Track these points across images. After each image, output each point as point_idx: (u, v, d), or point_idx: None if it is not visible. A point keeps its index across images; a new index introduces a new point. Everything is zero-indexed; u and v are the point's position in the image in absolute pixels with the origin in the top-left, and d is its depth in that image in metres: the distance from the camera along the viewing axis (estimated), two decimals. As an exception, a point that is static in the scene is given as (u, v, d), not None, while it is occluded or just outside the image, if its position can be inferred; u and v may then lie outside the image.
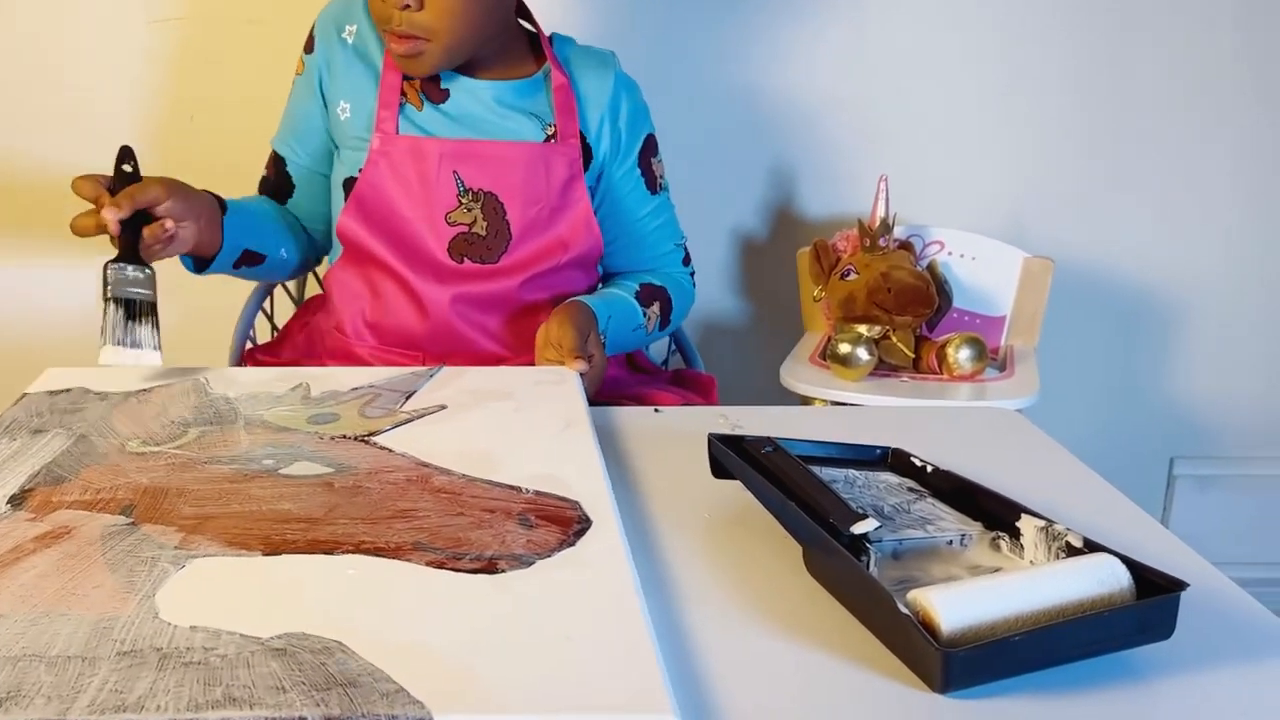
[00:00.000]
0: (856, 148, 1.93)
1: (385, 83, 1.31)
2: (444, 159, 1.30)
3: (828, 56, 1.89)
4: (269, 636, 0.61)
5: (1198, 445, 2.14)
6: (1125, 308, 2.04)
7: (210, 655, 0.59)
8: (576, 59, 1.40)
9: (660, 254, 1.47)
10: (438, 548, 0.72)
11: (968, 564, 0.77)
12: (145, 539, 0.73)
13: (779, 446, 0.85)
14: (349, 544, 0.73)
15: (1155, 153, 1.98)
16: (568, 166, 1.35)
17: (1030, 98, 1.94)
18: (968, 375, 1.56)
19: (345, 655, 0.59)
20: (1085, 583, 0.67)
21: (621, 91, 1.41)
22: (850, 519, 0.74)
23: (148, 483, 0.82)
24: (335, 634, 0.61)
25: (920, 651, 0.63)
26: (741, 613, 0.72)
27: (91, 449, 0.88)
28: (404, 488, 0.82)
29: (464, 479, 0.84)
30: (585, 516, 0.78)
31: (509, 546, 0.72)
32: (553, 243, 1.35)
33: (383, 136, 1.30)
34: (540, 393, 1.05)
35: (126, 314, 1.03)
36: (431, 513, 0.78)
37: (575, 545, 0.73)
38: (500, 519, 0.77)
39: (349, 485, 0.82)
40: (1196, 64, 1.94)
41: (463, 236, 1.31)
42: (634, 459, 0.99)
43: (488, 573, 0.69)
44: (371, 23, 1.32)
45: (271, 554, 0.71)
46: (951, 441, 1.04)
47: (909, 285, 1.60)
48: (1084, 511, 0.86)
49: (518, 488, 0.82)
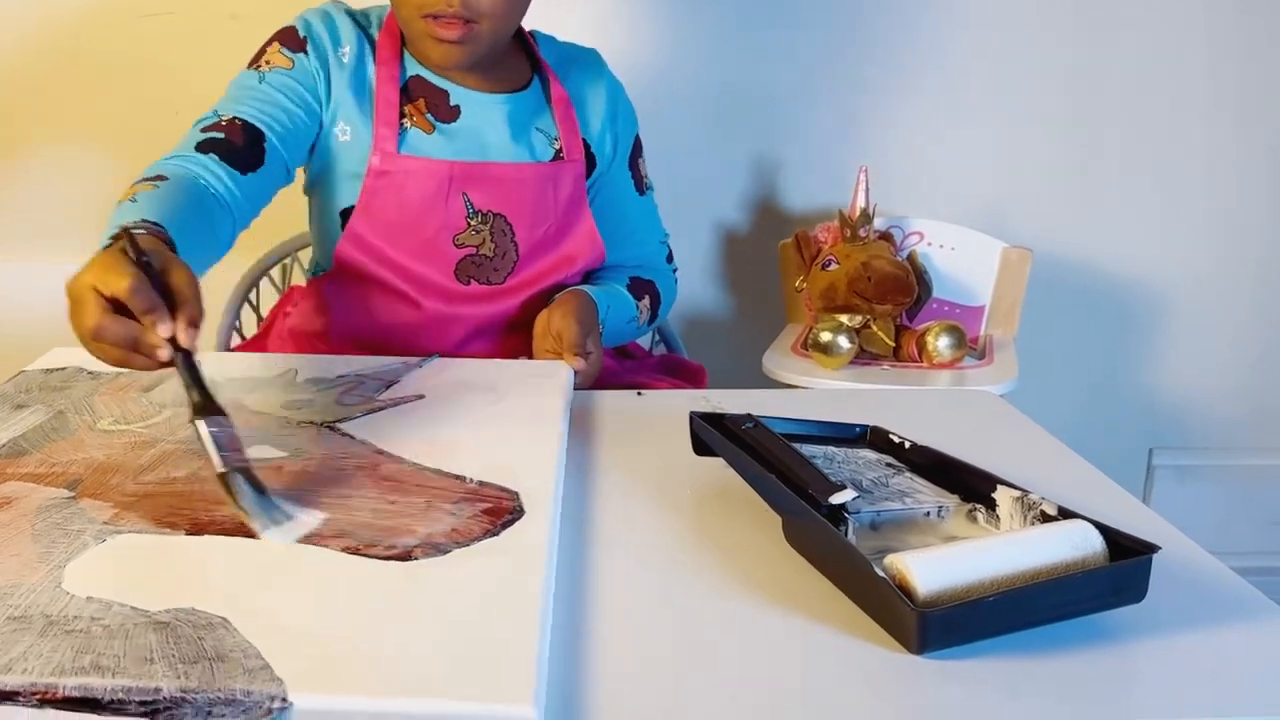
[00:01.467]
0: (837, 140, 1.95)
1: (382, 99, 1.25)
2: (454, 181, 1.26)
3: (808, 50, 1.90)
4: (158, 610, 0.62)
5: (1177, 436, 2.15)
6: (1104, 298, 2.06)
7: (94, 625, 0.60)
8: (566, 62, 1.39)
9: (647, 251, 1.47)
10: (360, 535, 0.73)
11: (945, 535, 0.78)
12: (79, 513, 0.75)
13: (759, 423, 0.86)
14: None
15: (1135, 144, 2.00)
16: (573, 183, 1.34)
17: (1010, 89, 1.96)
18: (947, 363, 1.58)
19: (226, 632, 0.60)
20: (1060, 547, 0.68)
21: (616, 95, 1.41)
22: (829, 490, 0.75)
23: (103, 459, 0.84)
24: (228, 613, 0.62)
25: (897, 613, 0.64)
26: (723, 583, 0.73)
27: (64, 425, 0.91)
28: (350, 474, 0.83)
29: (413, 468, 0.85)
30: (520, 508, 0.78)
31: (431, 536, 0.73)
32: (559, 260, 1.34)
33: (383, 156, 1.24)
34: (525, 386, 1.06)
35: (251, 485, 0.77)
36: (367, 500, 0.79)
37: (499, 535, 0.74)
38: (434, 508, 0.78)
39: (296, 470, 0.84)
40: (1175, 57, 1.96)
41: (470, 259, 1.29)
42: (617, 440, 1.00)
43: (400, 560, 0.70)
44: (361, 42, 1.27)
45: (195, 534, 0.73)
46: (932, 423, 1.05)
47: (889, 274, 1.61)
48: (1062, 487, 0.87)
49: (462, 477, 0.83)
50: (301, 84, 1.25)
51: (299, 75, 1.25)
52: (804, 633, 0.67)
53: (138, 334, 0.77)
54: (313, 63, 1.25)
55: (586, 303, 1.27)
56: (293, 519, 0.75)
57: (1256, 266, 2.07)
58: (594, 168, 1.38)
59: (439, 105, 1.28)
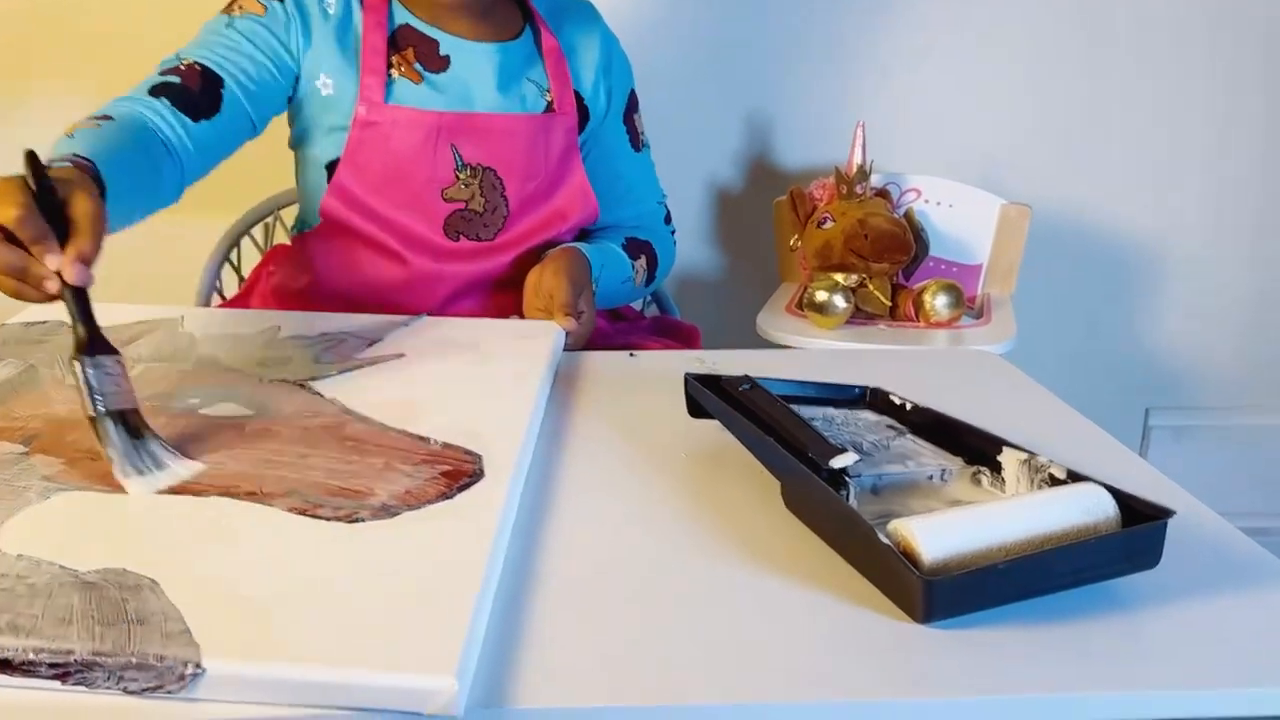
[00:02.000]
0: (832, 96, 1.91)
1: (369, 47, 1.21)
2: (442, 132, 1.22)
3: (803, 4, 1.86)
4: (87, 570, 0.60)
5: (1173, 396, 2.14)
6: (1101, 256, 2.03)
7: (19, 584, 0.59)
8: (560, 14, 1.35)
9: (643, 211, 1.43)
10: (310, 496, 0.71)
11: (948, 499, 0.75)
12: (29, 469, 0.73)
13: (756, 384, 0.84)
14: (219, 488, 0.72)
15: (1134, 99, 1.96)
16: (565, 136, 1.30)
17: (1007, 44, 1.92)
18: (944, 322, 1.55)
19: (153, 594, 0.58)
20: (1070, 511, 0.66)
21: (611, 48, 1.37)
22: (829, 453, 0.72)
23: (64, 414, 0.82)
24: (159, 574, 0.60)
25: (902, 581, 0.62)
26: (721, 548, 0.70)
27: (33, 379, 0.89)
28: (313, 433, 0.81)
29: (379, 428, 0.82)
30: (480, 470, 0.76)
31: (384, 497, 0.71)
32: (550, 215, 1.31)
33: (369, 106, 1.21)
34: (510, 346, 1.03)
35: (127, 430, 0.76)
36: (325, 460, 0.76)
37: (454, 498, 0.71)
38: (391, 469, 0.75)
39: (259, 428, 0.81)
40: (1173, 9, 1.93)
41: (459, 214, 1.25)
42: (610, 402, 0.97)
43: (345, 521, 0.68)
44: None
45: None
46: (933, 384, 1.02)
47: (886, 232, 1.58)
48: (1066, 446, 0.85)
49: (426, 439, 0.81)
50: (272, 32, 1.20)
51: (270, 23, 1.20)
52: (805, 601, 0.64)
53: (26, 264, 0.74)
54: (289, 10, 1.21)
55: (579, 260, 1.23)
56: (164, 469, 0.73)
57: (1253, 224, 2.05)
58: (587, 121, 1.34)
59: (428, 55, 1.24)
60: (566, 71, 1.31)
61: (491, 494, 0.72)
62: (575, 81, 1.32)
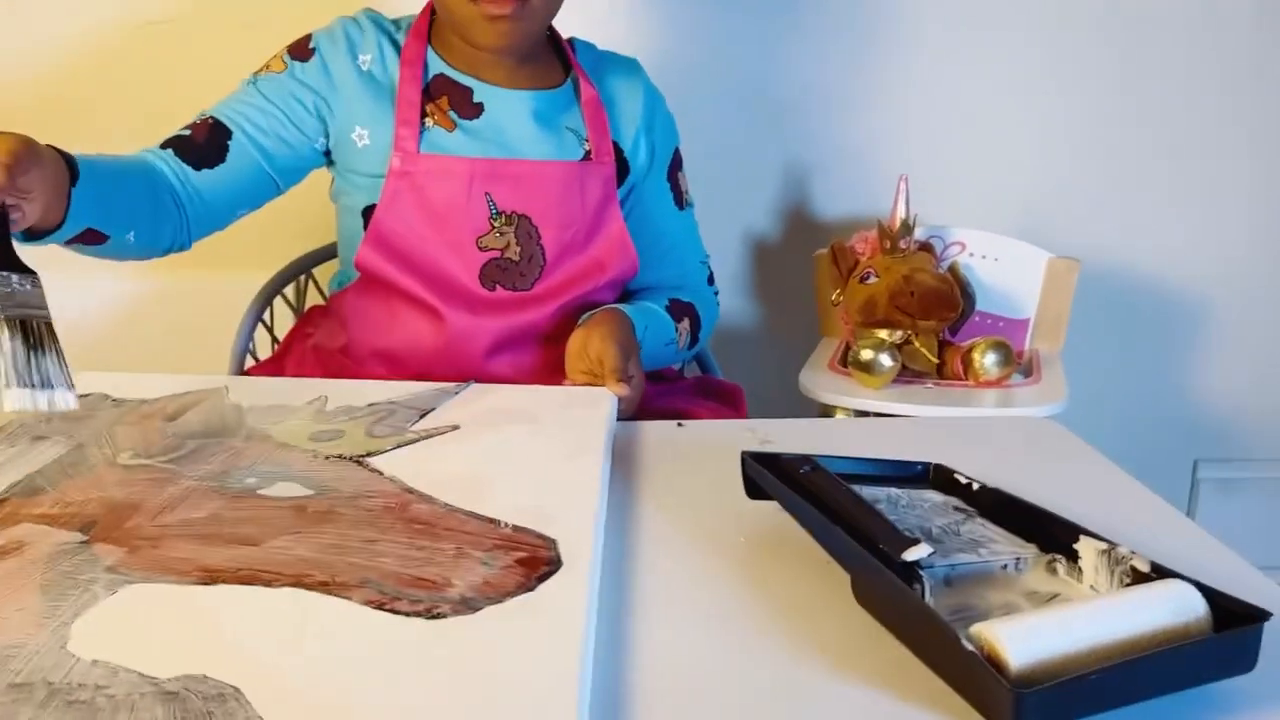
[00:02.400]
0: (874, 148, 1.89)
1: (404, 99, 1.22)
2: (475, 179, 1.22)
3: (842, 56, 1.85)
4: (166, 678, 0.58)
5: (1222, 448, 2.09)
6: (1148, 308, 2.00)
7: (99, 695, 0.57)
8: (603, 67, 1.35)
9: (685, 270, 1.41)
10: (385, 586, 0.68)
11: (1025, 589, 0.72)
12: (90, 560, 0.71)
13: (817, 465, 0.81)
14: (290, 576, 0.69)
15: (1180, 150, 1.94)
16: (602, 186, 1.29)
17: (1051, 95, 1.90)
18: (994, 381, 1.52)
19: (237, 704, 0.56)
20: (1159, 612, 0.62)
21: (654, 103, 1.37)
22: (901, 544, 0.69)
23: (121, 498, 0.79)
24: (240, 677, 0.58)
25: (988, 691, 0.58)
26: (786, 645, 0.67)
27: (82, 459, 0.86)
28: (377, 516, 0.78)
29: (445, 508, 0.80)
30: (557, 558, 0.73)
31: (462, 588, 0.68)
32: (589, 265, 1.29)
33: (403, 156, 1.21)
34: (567, 417, 1.00)
35: (25, 341, 0.79)
36: (394, 546, 0.74)
37: (534, 590, 0.68)
38: (465, 557, 0.72)
39: (322, 510, 0.79)
40: (1218, 60, 1.90)
41: (495, 262, 1.24)
42: (660, 477, 0.94)
43: (426, 616, 0.65)
44: (385, 49, 1.25)
45: (207, 584, 0.69)
46: (988, 452, 1.00)
47: (932, 288, 1.55)
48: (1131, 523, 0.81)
49: (496, 521, 0.78)
50: (292, 91, 1.24)
51: (290, 82, 1.24)
52: (878, 706, 0.61)
53: None
54: (314, 71, 1.24)
55: (623, 322, 1.21)
56: (50, 390, 0.76)
57: (1304, 275, 2.01)
58: (626, 174, 1.33)
59: (462, 102, 1.24)
60: (605, 122, 1.30)
61: (573, 587, 0.69)
62: (614, 133, 1.32)
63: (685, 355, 1.39)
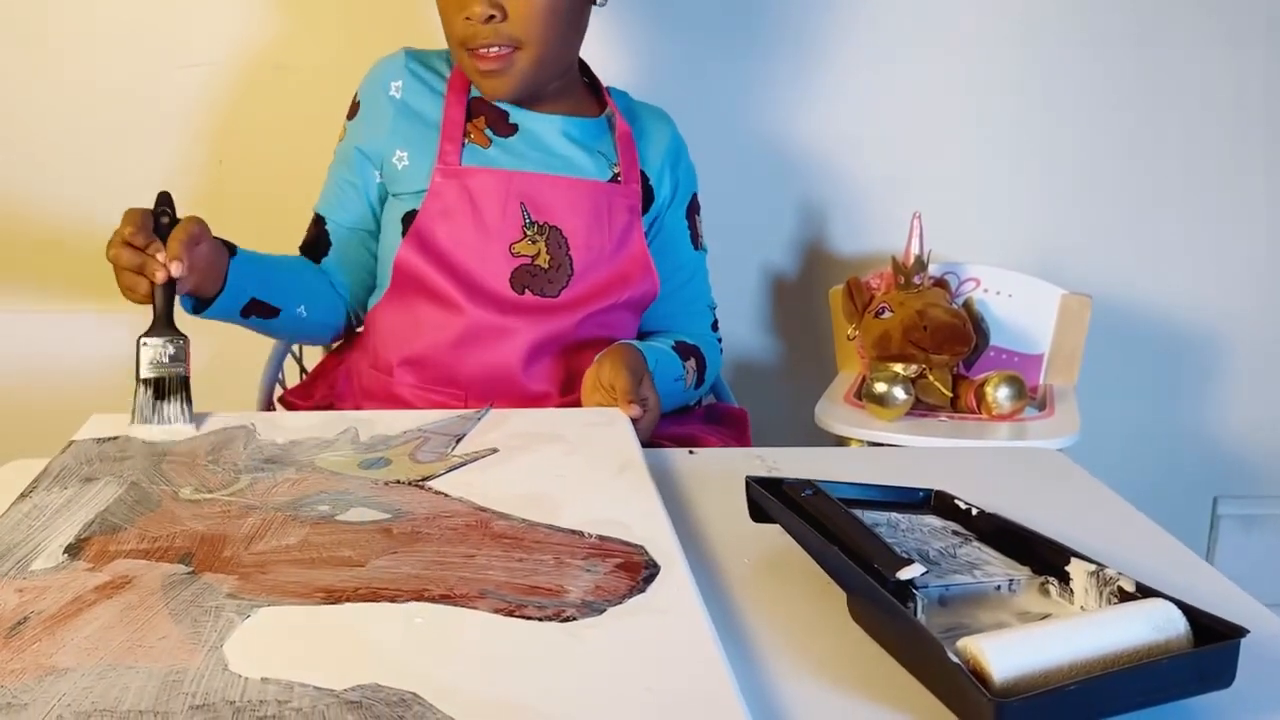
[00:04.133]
0: (887, 185, 1.92)
1: (449, 119, 1.32)
2: (511, 190, 1.30)
3: (855, 95, 1.88)
4: (343, 689, 0.59)
5: (1242, 484, 2.09)
6: (1165, 343, 2.01)
7: (285, 709, 0.57)
8: (635, 110, 1.43)
9: (692, 312, 1.47)
10: (505, 595, 0.71)
11: (1017, 610, 0.75)
12: (207, 588, 0.71)
13: (819, 489, 0.83)
14: (411, 592, 0.71)
15: (1192, 185, 1.96)
16: (628, 210, 1.36)
17: (1064, 132, 1.92)
18: (1007, 414, 1.54)
19: (422, 708, 0.57)
20: (1140, 629, 0.64)
21: (680, 147, 1.45)
22: (896, 564, 0.72)
23: (204, 530, 0.80)
24: (408, 685, 0.59)
25: (972, 702, 0.61)
26: (785, 661, 0.70)
27: (145, 496, 0.87)
28: (464, 533, 0.81)
29: (524, 524, 0.82)
30: (653, 561, 0.76)
31: (579, 593, 0.71)
32: (613, 279, 1.35)
33: (445, 168, 1.30)
34: (591, 435, 1.04)
35: (156, 393, 1.03)
36: (494, 559, 0.76)
37: (646, 592, 0.72)
38: (565, 565, 0.75)
39: (408, 531, 0.81)
40: (1230, 94, 1.93)
41: (525, 268, 1.30)
42: (670, 502, 0.96)
43: (557, 620, 0.68)
44: (418, 75, 1.35)
45: (334, 603, 0.70)
46: (994, 483, 1.02)
47: (946, 323, 1.58)
48: (1132, 554, 0.84)
49: (580, 532, 0.81)
50: (354, 154, 1.37)
51: (350, 147, 1.38)
52: (870, 717, 0.64)
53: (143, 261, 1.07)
54: (360, 124, 1.36)
55: (633, 352, 1.25)
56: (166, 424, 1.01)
57: (1322, 308, 2.02)
58: (651, 202, 1.39)
59: (498, 122, 1.33)
60: (635, 154, 1.38)
61: (679, 585, 0.73)
62: (643, 163, 1.39)
63: (693, 394, 1.42)
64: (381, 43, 1.44)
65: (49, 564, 0.75)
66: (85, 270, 1.83)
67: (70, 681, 0.60)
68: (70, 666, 0.61)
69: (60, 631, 0.65)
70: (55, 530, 0.80)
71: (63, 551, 0.77)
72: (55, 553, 0.76)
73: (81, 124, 1.76)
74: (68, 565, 0.75)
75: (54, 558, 0.76)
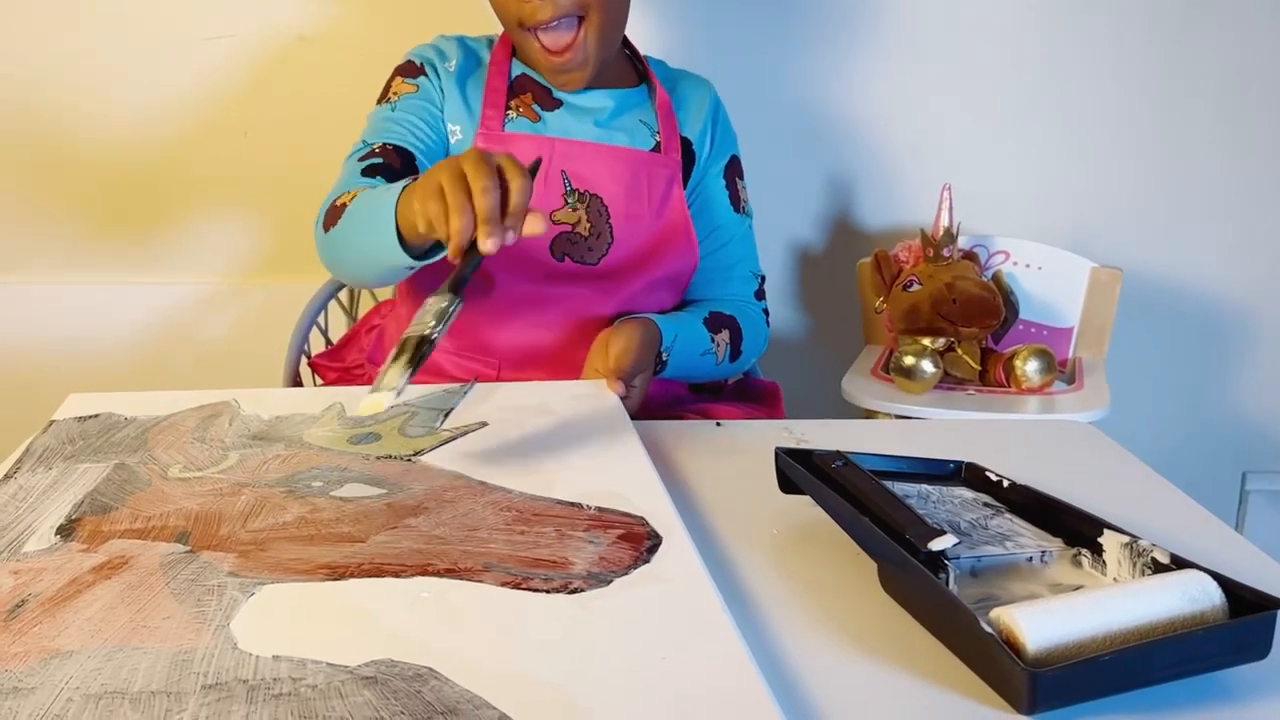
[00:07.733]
0: (916, 157, 1.90)
1: (491, 87, 1.31)
2: (554, 158, 1.30)
3: (885, 67, 1.87)
4: (357, 665, 0.59)
5: (1272, 460, 2.08)
6: (1195, 317, 2.00)
7: (300, 686, 0.57)
8: (675, 77, 1.43)
9: (733, 276, 1.43)
10: (510, 568, 0.70)
11: (1049, 581, 0.74)
12: (207, 566, 0.71)
13: (849, 460, 0.83)
14: (415, 566, 0.71)
15: (1224, 157, 1.93)
16: (668, 179, 1.35)
17: (1095, 103, 1.90)
18: (1036, 388, 1.53)
19: (439, 682, 0.57)
20: (1175, 600, 0.64)
21: (719, 109, 1.44)
22: (927, 535, 0.71)
23: (198, 509, 0.80)
24: (422, 660, 0.59)
25: (1005, 671, 0.61)
26: (816, 632, 0.70)
27: (133, 475, 0.86)
28: (464, 507, 0.80)
29: (522, 496, 0.82)
30: (654, 532, 0.76)
31: (584, 565, 0.71)
32: (651, 249, 1.34)
33: (487, 134, 1.29)
34: (579, 407, 1.04)
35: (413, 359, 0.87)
36: (496, 532, 0.76)
37: (650, 562, 0.72)
38: (567, 537, 0.75)
39: (408, 506, 0.81)
40: (1262, 66, 1.90)
41: (565, 236, 1.30)
42: (697, 474, 0.97)
43: (564, 592, 0.68)
44: (466, 54, 1.34)
45: (337, 579, 0.69)
46: (1024, 455, 1.01)
47: (975, 296, 1.57)
48: (1164, 526, 0.83)
49: (579, 504, 0.81)
50: (428, 101, 1.32)
51: (423, 96, 1.32)
52: (903, 688, 0.63)
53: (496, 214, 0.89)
54: (433, 81, 1.33)
55: (650, 330, 1.23)
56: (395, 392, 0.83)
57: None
58: (692, 165, 1.39)
59: (543, 98, 1.33)
60: (675, 123, 1.38)
61: (682, 555, 0.73)
62: (683, 127, 1.39)
63: (727, 369, 1.39)
64: (405, 15, 1.44)
65: (41, 545, 0.74)
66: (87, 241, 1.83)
67: (77, 664, 0.59)
68: (75, 649, 0.61)
69: (60, 613, 0.65)
70: (44, 511, 0.80)
71: (54, 533, 0.76)
72: (47, 534, 0.76)
73: (106, 95, 1.76)
74: (61, 546, 0.74)
75: (46, 539, 0.75)
